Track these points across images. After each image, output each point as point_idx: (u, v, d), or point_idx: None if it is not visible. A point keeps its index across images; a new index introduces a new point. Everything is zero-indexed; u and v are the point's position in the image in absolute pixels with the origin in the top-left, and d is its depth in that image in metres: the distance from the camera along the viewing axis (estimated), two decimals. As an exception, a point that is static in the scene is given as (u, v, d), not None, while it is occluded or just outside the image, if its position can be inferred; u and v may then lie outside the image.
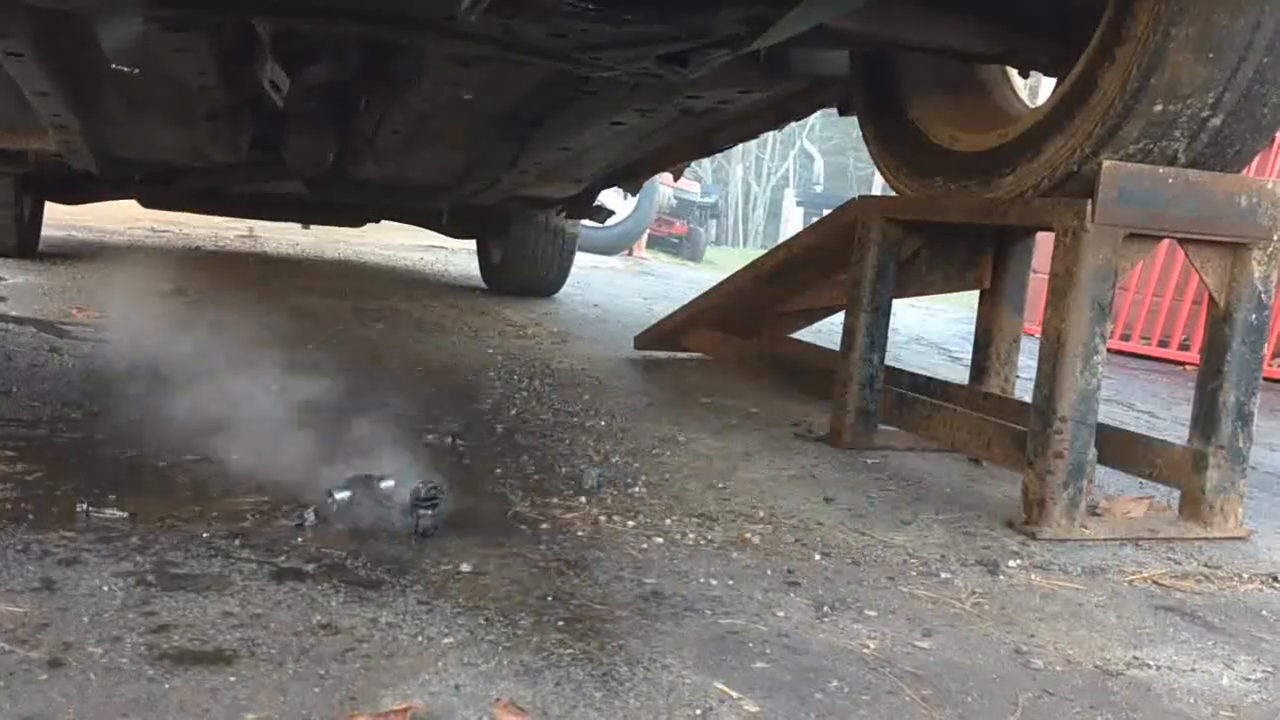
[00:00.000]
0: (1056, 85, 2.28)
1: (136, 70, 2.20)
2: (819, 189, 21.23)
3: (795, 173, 28.77)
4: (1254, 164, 5.51)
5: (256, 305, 3.94)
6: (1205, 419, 2.06)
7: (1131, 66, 1.95)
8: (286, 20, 2.19)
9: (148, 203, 4.85)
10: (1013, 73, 2.69)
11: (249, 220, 6.30)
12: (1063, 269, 1.95)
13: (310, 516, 1.66)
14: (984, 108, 2.60)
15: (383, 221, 5.42)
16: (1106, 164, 1.92)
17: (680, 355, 3.70)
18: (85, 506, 1.62)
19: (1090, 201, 1.91)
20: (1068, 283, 1.94)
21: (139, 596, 1.34)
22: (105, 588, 1.36)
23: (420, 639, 1.30)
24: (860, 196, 2.67)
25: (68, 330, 3.08)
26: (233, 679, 1.16)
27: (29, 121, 3.05)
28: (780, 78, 2.80)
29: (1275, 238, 2.02)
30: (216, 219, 6.34)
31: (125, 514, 1.61)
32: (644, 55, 2.06)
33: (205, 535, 1.57)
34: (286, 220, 5.47)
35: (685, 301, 3.71)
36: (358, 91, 2.91)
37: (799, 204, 19.83)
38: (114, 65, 2.15)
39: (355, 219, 5.32)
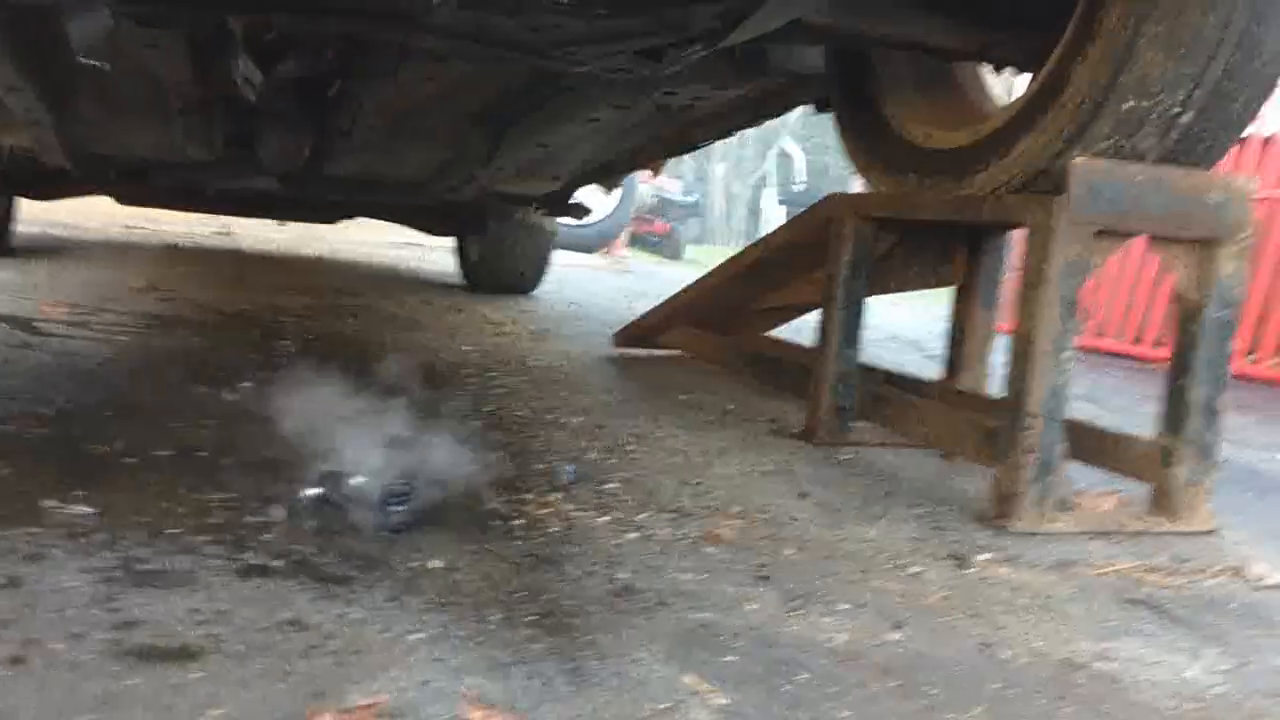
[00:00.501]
0: (1029, 83, 2.29)
1: (107, 66, 2.18)
2: (800, 187, 21.26)
3: (776, 171, 28.83)
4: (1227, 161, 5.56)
5: (231, 302, 3.92)
6: (1174, 415, 2.07)
7: (1102, 63, 1.96)
8: (259, 16, 2.18)
9: (122, 199, 4.82)
10: (987, 70, 2.70)
11: (224, 217, 6.27)
12: (1033, 266, 1.96)
13: (279, 513, 1.65)
14: (958, 105, 2.62)
15: (359, 218, 5.40)
16: (1077, 161, 1.93)
17: (658, 352, 3.71)
18: (53, 503, 1.60)
19: (1061, 198, 1.92)
20: (1038, 279, 1.95)
21: (104, 593, 1.33)
22: (71, 584, 1.35)
23: (388, 635, 1.29)
24: (835, 194, 2.68)
25: (40, 327, 3.06)
26: (197, 675, 1.15)
27: (1, 117, 3.03)
28: (756, 74, 2.81)
29: (1244, 234, 2.04)
30: (192, 216, 6.30)
31: (93, 510, 1.60)
32: (619, 51, 2.06)
33: (173, 531, 1.56)
34: (262, 217, 5.44)
35: (663, 299, 3.71)
36: (332, 87, 2.90)
37: (780, 202, 19.88)
38: (83, 61, 2.13)
39: (331, 216, 5.30)
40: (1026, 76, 2.50)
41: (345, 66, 2.66)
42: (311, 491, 1.71)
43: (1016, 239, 3.01)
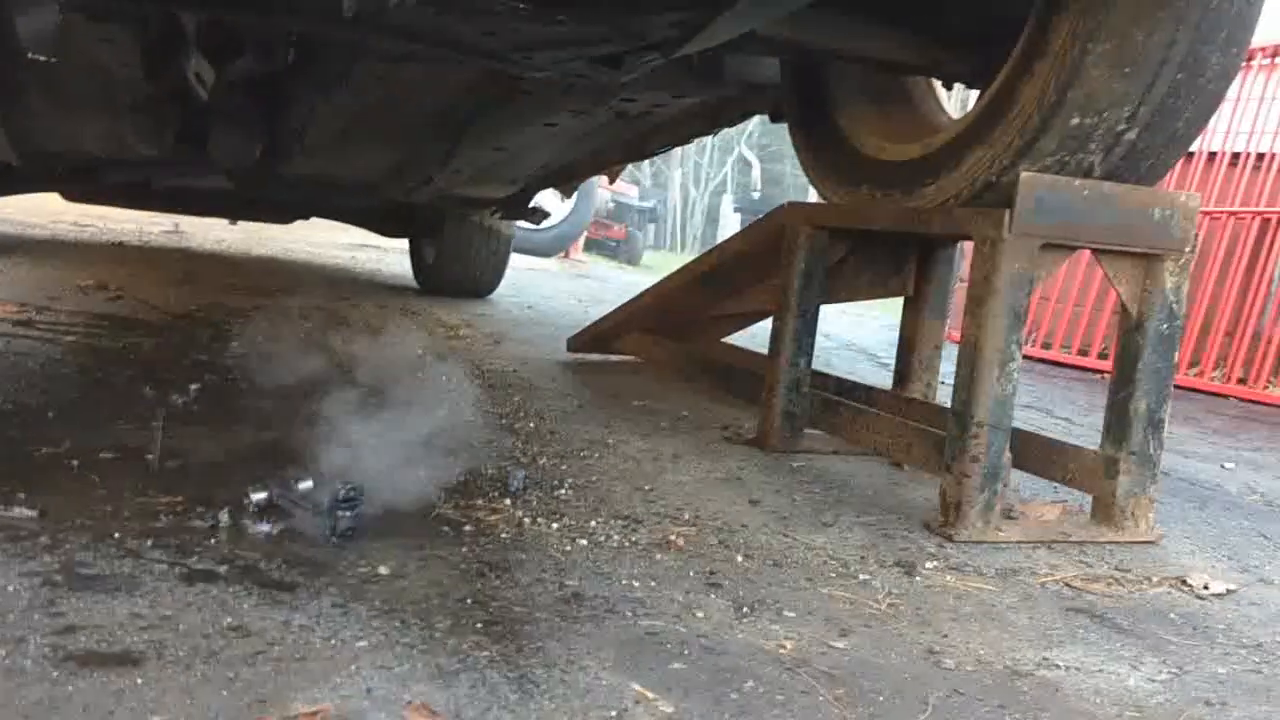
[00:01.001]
0: (978, 98, 2.33)
1: (54, 59, 2.15)
2: (756, 195, 21.37)
3: (733, 179, 28.96)
4: (1172, 177, 5.68)
5: (180, 302, 3.87)
6: (1117, 426, 2.11)
7: (1049, 80, 2.00)
8: (211, 12, 2.16)
9: (71, 196, 4.73)
10: (938, 84, 2.74)
11: (175, 215, 6.18)
12: (981, 277, 1.99)
13: (225, 517, 1.63)
14: (910, 118, 2.65)
15: (314, 219, 5.35)
16: (1024, 175, 1.96)
17: (613, 358, 3.71)
18: (-8, 506, 1.58)
19: (1008, 212, 1.95)
20: (985, 290, 1.98)
21: (45, 597, 1.31)
22: (10, 588, 1.32)
23: (334, 642, 1.28)
24: (789, 203, 2.70)
25: (-18, 325, 3.00)
26: (139, 681, 1.14)
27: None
28: (713, 83, 2.83)
29: (1187, 249, 2.08)
30: (142, 214, 6.21)
31: (35, 513, 1.57)
32: (576, 56, 2.06)
33: (117, 535, 1.53)
34: (213, 216, 5.38)
35: (619, 304, 3.72)
36: (286, 86, 2.87)
37: (736, 210, 19.94)
38: (31, 55, 2.10)
39: (284, 216, 5.25)
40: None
41: (299, 66, 2.64)
42: (259, 495, 1.70)
43: (967, 250, 3.06)
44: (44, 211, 6.41)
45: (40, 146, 3.35)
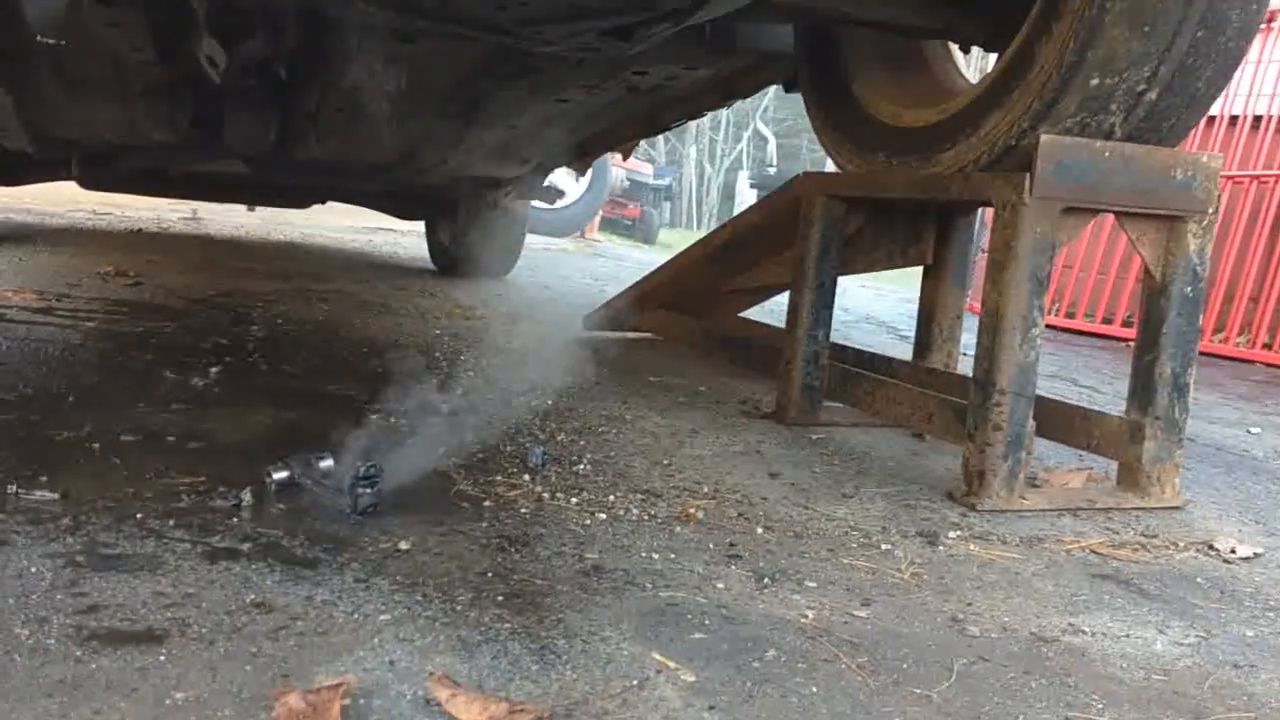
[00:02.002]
0: (995, 60, 2.30)
1: (64, 43, 2.15)
2: (773, 171, 21.24)
3: (749, 154, 28.83)
4: (1193, 139, 5.61)
5: (199, 287, 3.88)
6: (1142, 391, 2.09)
7: (1068, 41, 1.97)
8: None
9: (87, 184, 4.74)
10: (955, 48, 2.70)
11: (192, 202, 6.20)
12: (1001, 243, 1.97)
13: (247, 496, 1.64)
14: (926, 83, 2.62)
15: (330, 203, 5.35)
16: (1044, 138, 1.93)
17: (629, 335, 3.70)
18: (15, 488, 1.58)
19: (1028, 176, 1.92)
20: (1006, 256, 1.95)
21: (68, 578, 1.31)
22: (34, 569, 1.33)
23: (356, 616, 1.28)
24: (804, 174, 2.67)
25: (2, 313, 3.01)
26: (162, 658, 1.14)
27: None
28: (726, 53, 2.80)
29: (1210, 211, 2.05)
30: (159, 201, 6.23)
31: (57, 495, 1.58)
32: (586, 29, 2.04)
33: (139, 516, 1.54)
34: (231, 202, 5.38)
35: (635, 282, 3.71)
36: (298, 68, 2.86)
37: (752, 185, 19.83)
38: (40, 39, 2.10)
39: (301, 200, 5.25)
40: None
41: (310, 46, 2.63)
42: (280, 475, 1.70)
43: (989, 220, 3.03)
44: (61, 200, 6.44)
45: (54, 133, 3.36)
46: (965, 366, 2.58)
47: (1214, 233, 2.07)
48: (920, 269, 2.70)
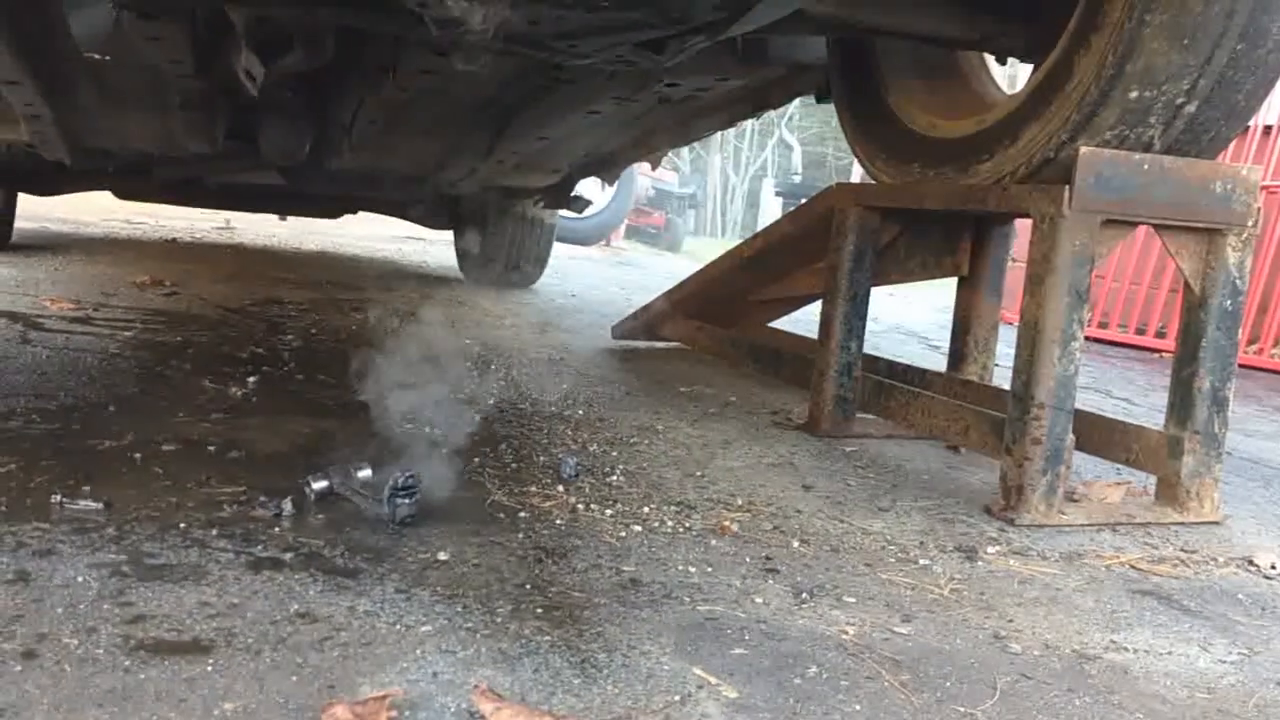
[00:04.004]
0: (1033, 72, 2.29)
1: (108, 58, 2.18)
2: (797, 179, 21.22)
3: (774, 162, 28.79)
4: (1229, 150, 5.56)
5: (234, 296, 3.91)
6: (1181, 405, 2.07)
7: (1107, 53, 1.96)
8: (260, 8, 2.18)
9: (122, 194, 4.80)
10: (990, 59, 2.70)
11: (225, 212, 6.25)
12: (1040, 255, 1.96)
13: (288, 506, 1.65)
14: (962, 94, 2.61)
15: (360, 212, 5.39)
16: (1083, 150, 1.92)
17: (658, 344, 3.71)
18: (59, 498, 1.60)
19: (1067, 188, 1.92)
20: (1045, 269, 1.95)
21: (114, 587, 1.33)
22: (80, 579, 1.35)
23: (398, 627, 1.29)
24: (837, 184, 2.67)
25: (41, 322, 3.05)
26: (209, 668, 1.15)
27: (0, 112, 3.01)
28: (758, 65, 2.80)
29: (1250, 224, 2.04)
30: (192, 211, 6.28)
31: (100, 505, 1.60)
32: (620, 43, 2.05)
33: (182, 525, 1.55)
34: (263, 211, 5.43)
35: (662, 291, 3.71)
36: (333, 81, 2.89)
37: (777, 194, 19.82)
38: (85, 54, 2.12)
39: (333, 210, 5.29)
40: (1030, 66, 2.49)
41: (346, 60, 2.65)
42: (319, 484, 1.71)
43: (1021, 230, 3.01)
44: (96, 209, 6.51)
45: (91, 144, 3.40)
46: (1000, 377, 2.57)
47: (1253, 246, 2.05)
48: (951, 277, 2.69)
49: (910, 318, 5.94)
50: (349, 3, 1.97)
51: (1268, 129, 5.84)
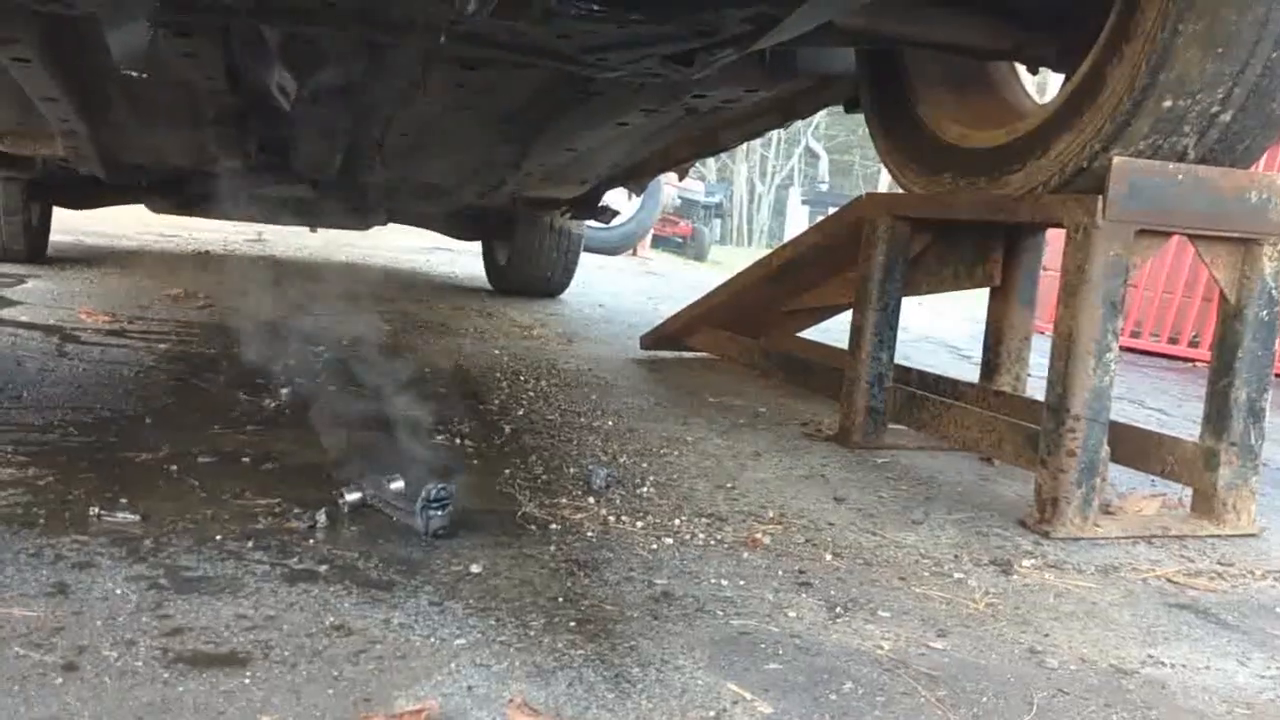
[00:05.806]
0: (1065, 82, 2.27)
1: (145, 75, 2.20)
2: (824, 187, 21.20)
3: (800, 171, 28.76)
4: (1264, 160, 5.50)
5: (266, 309, 3.95)
6: (1217, 416, 2.05)
7: (1140, 63, 1.94)
8: (293, 26, 2.20)
9: (155, 208, 4.85)
10: (1021, 69, 2.68)
11: (257, 224, 6.31)
12: (1074, 266, 1.95)
13: (322, 518, 1.66)
14: (993, 104, 2.60)
15: (390, 224, 5.43)
16: (1117, 160, 1.91)
17: (686, 355, 3.70)
18: (97, 510, 1.62)
19: (1101, 198, 1.90)
20: (1079, 279, 1.93)
21: (152, 600, 1.34)
22: (118, 591, 1.36)
23: (433, 640, 1.30)
24: (867, 194, 2.66)
25: (77, 335, 3.09)
26: (247, 680, 1.16)
27: (37, 127, 3.06)
28: (786, 76, 2.79)
29: (1286, 233, 2.01)
30: (225, 224, 6.35)
31: (137, 517, 1.61)
32: (649, 56, 2.06)
33: (218, 537, 1.57)
34: (295, 224, 5.47)
35: (690, 301, 3.71)
36: (365, 96, 2.91)
37: (804, 202, 19.82)
38: (123, 71, 2.15)
39: (363, 222, 5.32)
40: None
41: (377, 75, 2.67)
42: (352, 495, 1.72)
43: (1051, 239, 2.99)
44: (129, 223, 6.59)
45: (126, 159, 3.44)
46: (1034, 388, 2.55)
47: (1290, 255, 2.03)
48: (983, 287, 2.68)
49: (940, 327, 5.90)
50: (379, 22, 1.98)
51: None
